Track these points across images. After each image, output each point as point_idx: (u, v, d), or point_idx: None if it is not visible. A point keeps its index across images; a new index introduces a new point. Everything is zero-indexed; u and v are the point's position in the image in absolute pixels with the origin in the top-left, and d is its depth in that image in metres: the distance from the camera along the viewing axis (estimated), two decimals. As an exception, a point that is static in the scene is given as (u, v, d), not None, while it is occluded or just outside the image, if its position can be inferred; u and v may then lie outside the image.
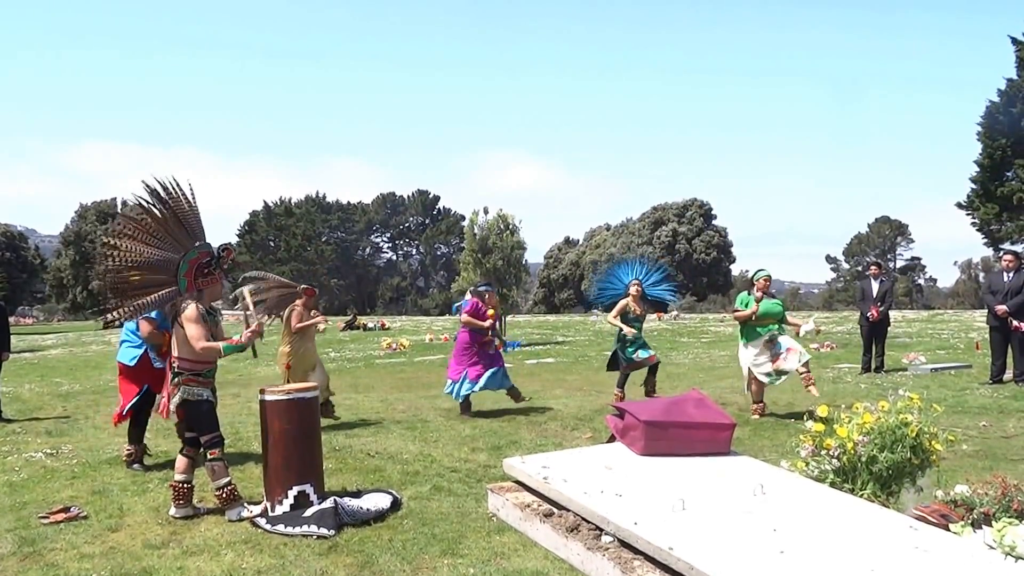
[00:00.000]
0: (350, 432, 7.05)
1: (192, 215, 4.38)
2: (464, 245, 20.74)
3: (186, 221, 4.36)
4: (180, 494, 4.46)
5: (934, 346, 15.08)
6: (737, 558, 3.09)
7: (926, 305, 56.87)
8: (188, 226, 4.37)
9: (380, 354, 16.78)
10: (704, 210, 58.14)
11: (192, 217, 4.38)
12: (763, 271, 7.73)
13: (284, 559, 3.80)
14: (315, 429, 4.62)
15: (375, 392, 10.27)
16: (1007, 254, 9.82)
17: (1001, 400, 8.23)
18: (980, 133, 29.31)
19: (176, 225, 4.33)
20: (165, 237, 4.32)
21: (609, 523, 3.60)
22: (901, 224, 67.79)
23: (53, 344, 23.52)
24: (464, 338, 7.95)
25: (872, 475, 3.97)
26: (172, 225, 4.32)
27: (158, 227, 4.29)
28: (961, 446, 5.75)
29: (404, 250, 74.06)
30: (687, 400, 4.91)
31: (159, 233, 4.30)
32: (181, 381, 4.38)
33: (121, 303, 4.27)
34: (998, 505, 3.53)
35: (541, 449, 5.85)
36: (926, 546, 3.21)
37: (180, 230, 4.35)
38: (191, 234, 4.39)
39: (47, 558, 3.85)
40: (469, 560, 3.72)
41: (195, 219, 4.40)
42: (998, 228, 29.65)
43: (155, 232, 4.29)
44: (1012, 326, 9.09)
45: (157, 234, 4.30)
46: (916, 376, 10.38)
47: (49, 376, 13.49)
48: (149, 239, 4.28)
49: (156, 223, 4.29)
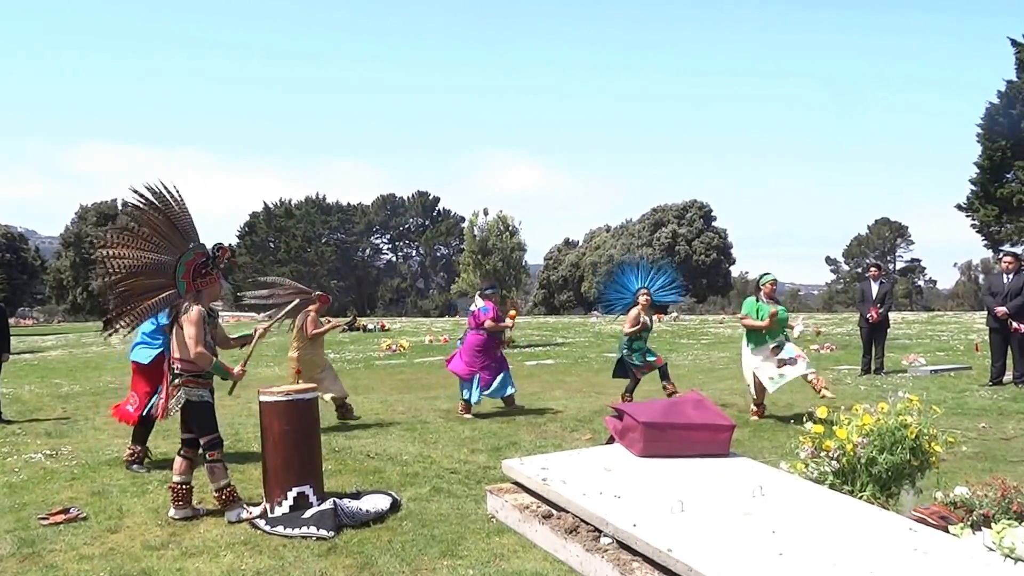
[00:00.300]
0: (349, 433, 7.05)
1: (184, 217, 4.39)
2: (464, 246, 20.73)
3: (178, 223, 4.37)
4: (179, 495, 4.46)
5: (934, 348, 15.08)
6: (736, 560, 3.09)
7: (926, 307, 56.87)
8: (180, 228, 4.38)
9: (379, 355, 16.78)
10: (704, 211, 58.13)
11: (184, 219, 4.39)
12: (768, 275, 7.73)
13: (283, 560, 3.80)
14: (314, 430, 4.63)
15: (374, 393, 10.27)
16: (1007, 256, 9.83)
17: (1001, 402, 8.23)
18: (980, 135, 29.32)
19: (168, 228, 4.34)
20: (158, 241, 4.32)
21: (608, 524, 3.60)
22: (901, 226, 67.82)
23: (53, 345, 23.51)
24: (479, 340, 7.96)
25: (871, 477, 3.97)
26: (164, 228, 4.33)
27: (150, 231, 4.30)
28: (961, 448, 5.75)
29: (404, 251, 74.05)
30: (686, 401, 4.91)
31: (151, 237, 4.31)
32: (181, 382, 4.39)
33: (124, 311, 4.28)
34: (998, 507, 3.53)
35: (541, 450, 5.85)
36: (925, 548, 3.21)
37: (173, 233, 4.35)
38: (184, 236, 4.39)
39: (46, 559, 3.85)
40: (468, 561, 3.72)
41: (187, 221, 4.41)
42: (998, 230, 29.64)
43: (147, 237, 4.30)
44: (1012, 328, 9.09)
45: (150, 239, 4.31)
46: (916, 378, 10.38)
47: (49, 377, 13.49)
48: (142, 244, 4.29)
49: (147, 227, 4.30)
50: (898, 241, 68.37)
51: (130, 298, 4.30)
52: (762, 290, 7.58)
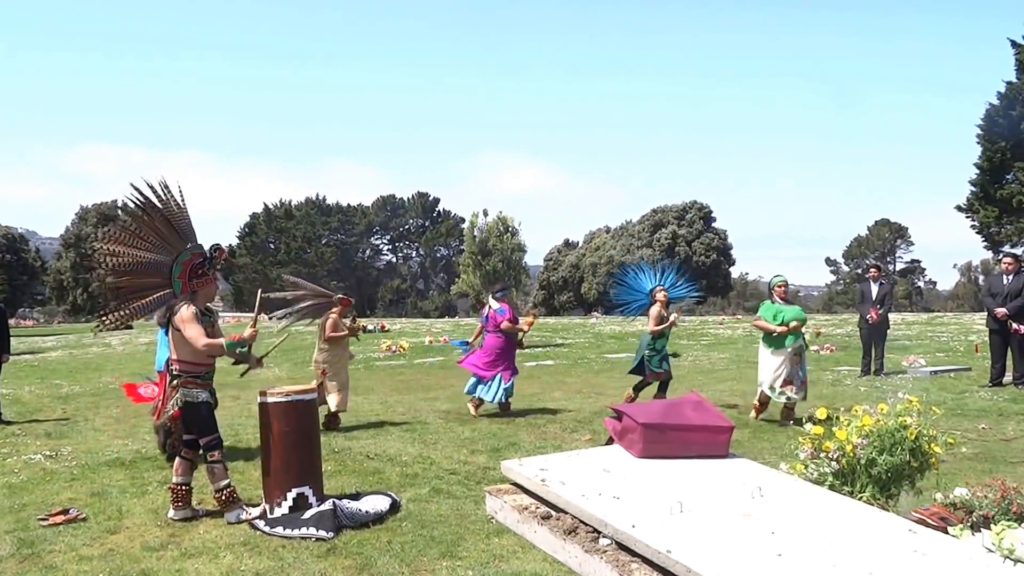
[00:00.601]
0: (349, 434, 7.05)
1: (182, 217, 4.39)
2: (464, 247, 20.74)
3: (176, 223, 4.37)
4: (179, 496, 4.46)
5: (933, 349, 15.07)
6: (735, 561, 3.09)
7: (926, 308, 56.89)
8: (178, 228, 4.38)
9: (379, 356, 16.78)
10: (704, 212, 58.13)
11: (182, 219, 4.39)
12: (779, 277, 7.74)
13: (283, 561, 3.80)
14: (314, 431, 4.63)
15: (374, 394, 10.27)
16: (1006, 257, 9.83)
17: (1000, 403, 8.23)
18: (980, 136, 29.31)
19: (166, 227, 4.34)
20: (155, 240, 4.33)
21: (607, 525, 3.59)
22: (901, 227, 67.85)
23: (53, 346, 23.50)
24: (498, 342, 7.98)
25: (871, 478, 3.98)
26: (162, 227, 4.33)
27: (148, 230, 4.31)
28: (960, 449, 5.75)
29: (404, 252, 74.04)
30: (685, 403, 4.91)
31: (149, 236, 4.31)
32: (180, 383, 4.39)
33: (118, 307, 4.28)
34: (997, 508, 3.53)
35: (540, 451, 5.85)
36: (924, 549, 3.21)
37: (170, 232, 4.36)
38: (182, 236, 4.40)
39: (46, 560, 3.85)
40: (468, 562, 3.72)
41: (185, 221, 4.41)
42: (998, 231, 29.62)
43: (145, 236, 4.31)
44: (1011, 329, 9.09)
45: (147, 237, 4.31)
46: (916, 379, 10.38)
47: (49, 378, 13.49)
48: (139, 243, 4.30)
49: (145, 226, 4.30)
50: (898, 242, 68.39)
51: (123, 295, 4.31)
52: (774, 292, 7.58)
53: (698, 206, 58.38)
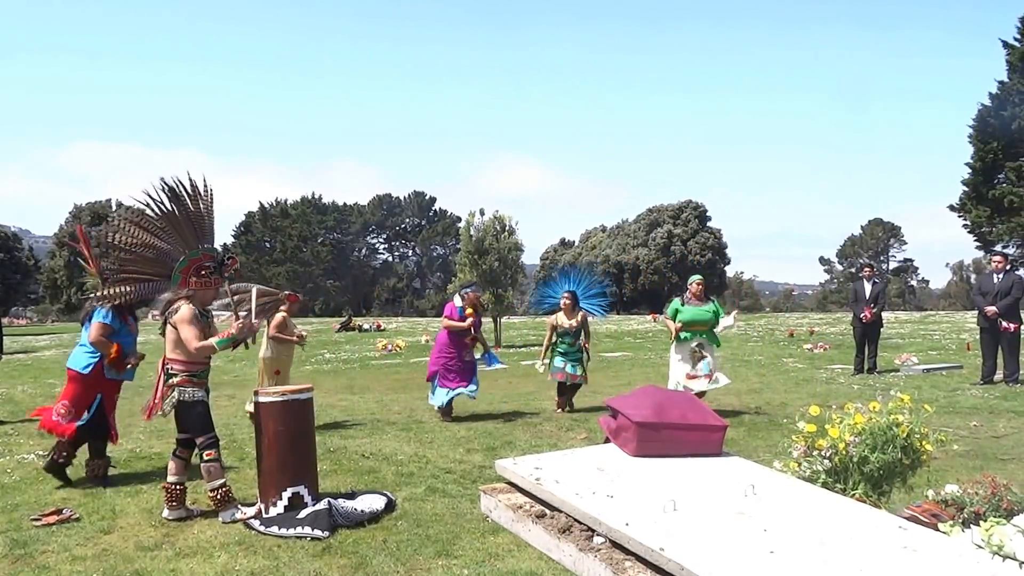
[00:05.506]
0: (345, 433, 7.05)
1: (206, 218, 4.43)
2: (460, 246, 20.72)
3: (198, 222, 4.40)
4: (173, 496, 4.45)
5: (926, 347, 15.15)
6: (727, 558, 3.11)
7: (918, 306, 57.12)
8: (199, 227, 4.41)
9: (375, 355, 16.77)
10: (699, 212, 58.24)
11: (206, 219, 4.43)
12: (696, 276, 8.04)
13: (278, 561, 3.80)
14: (309, 430, 4.63)
15: (370, 393, 10.27)
16: (996, 255, 9.90)
17: (991, 400, 8.28)
18: (972, 136, 29.44)
19: (186, 224, 4.37)
20: (175, 235, 4.36)
21: (601, 524, 3.61)
22: (894, 226, 68.14)
23: (47, 345, 23.40)
24: (442, 338, 7.93)
25: (863, 475, 4.00)
26: (182, 223, 4.35)
27: (167, 223, 4.33)
28: (952, 446, 5.79)
29: (400, 251, 73.97)
30: (680, 401, 4.93)
31: (167, 228, 4.34)
32: (176, 383, 4.39)
33: (110, 282, 4.30)
34: (988, 504, 3.56)
35: (536, 450, 5.86)
36: (915, 546, 3.24)
37: (191, 232, 4.38)
38: (199, 235, 4.42)
39: (39, 560, 3.84)
40: (463, 561, 3.73)
41: (208, 222, 4.44)
42: (989, 230, 29.77)
43: (165, 227, 4.34)
44: (1001, 327, 9.15)
45: (165, 228, 4.34)
46: (908, 377, 10.44)
47: (43, 377, 13.43)
48: (159, 232, 4.33)
49: (169, 219, 4.33)
50: (891, 241, 68.66)
51: (122, 274, 4.34)
52: (689, 290, 7.78)
53: (693, 205, 58.48)
